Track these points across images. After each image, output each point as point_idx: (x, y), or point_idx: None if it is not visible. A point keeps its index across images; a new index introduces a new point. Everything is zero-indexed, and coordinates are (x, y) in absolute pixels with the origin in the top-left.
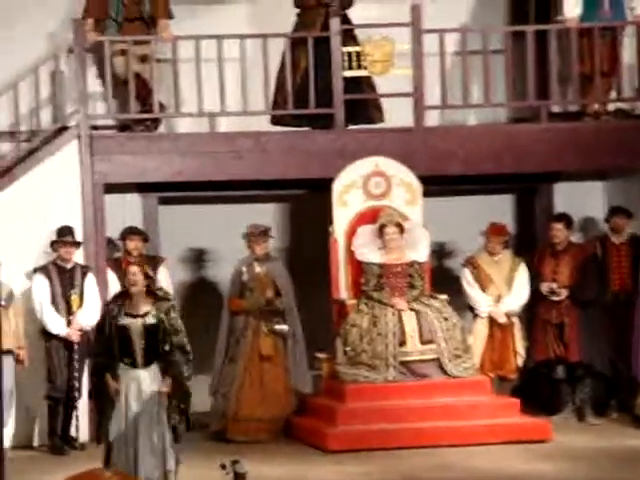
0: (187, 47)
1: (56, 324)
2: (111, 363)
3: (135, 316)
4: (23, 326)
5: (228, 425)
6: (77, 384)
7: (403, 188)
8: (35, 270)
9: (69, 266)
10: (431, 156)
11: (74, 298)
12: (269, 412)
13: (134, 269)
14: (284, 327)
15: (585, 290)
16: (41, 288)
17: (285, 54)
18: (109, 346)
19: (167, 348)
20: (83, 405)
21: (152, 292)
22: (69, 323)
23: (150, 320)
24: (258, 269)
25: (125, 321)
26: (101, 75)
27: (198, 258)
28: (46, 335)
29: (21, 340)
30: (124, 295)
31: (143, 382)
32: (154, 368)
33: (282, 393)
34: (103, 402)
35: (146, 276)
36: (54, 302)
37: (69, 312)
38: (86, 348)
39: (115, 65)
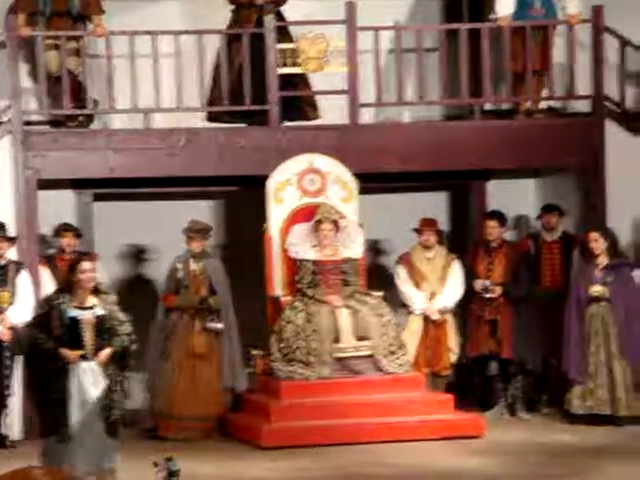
0: (121, 43)
1: None
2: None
3: (83, 308)
4: None
5: (160, 423)
6: (8, 382)
7: (338, 185)
8: None
9: (2, 262)
10: (366, 153)
11: (3, 295)
12: (202, 410)
13: (89, 265)
14: (218, 325)
15: (518, 287)
16: None
17: (220, 51)
18: (60, 340)
19: (115, 338)
20: (15, 403)
21: (96, 285)
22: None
23: (99, 311)
24: (194, 266)
25: (75, 313)
26: (34, 70)
27: (133, 255)
28: None
29: None
30: (66, 290)
31: (97, 373)
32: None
33: (215, 391)
34: (53, 394)
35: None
36: None
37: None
38: (16, 345)
39: (48, 60)
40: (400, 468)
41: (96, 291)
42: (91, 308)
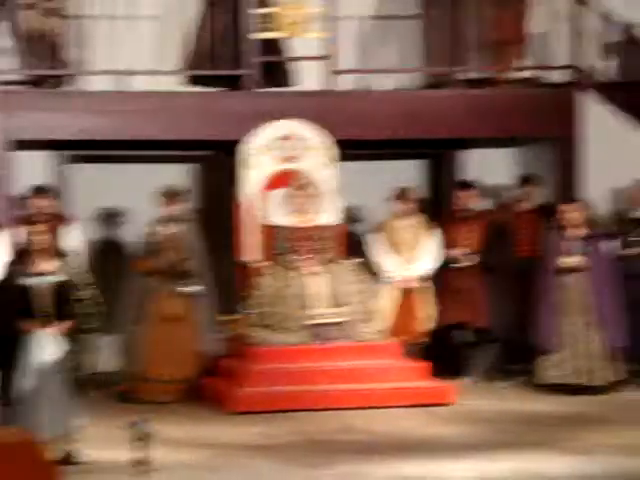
0: (101, 3)
1: None
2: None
3: (40, 275)
4: None
5: (136, 385)
6: None
7: (314, 152)
8: None
9: None
10: (343, 120)
11: None
12: (176, 373)
13: (39, 227)
14: (192, 288)
15: (491, 256)
16: None
17: (200, 14)
18: (15, 306)
19: (68, 301)
20: None
21: (56, 250)
22: None
23: (57, 278)
24: (169, 230)
25: (31, 281)
26: (11, 29)
27: (108, 217)
28: None
29: None
30: (26, 254)
31: (50, 339)
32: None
33: (190, 354)
34: (9, 359)
35: (52, 233)
36: None
37: None
38: None
39: (25, 20)
40: (371, 435)
41: (58, 255)
42: (51, 274)
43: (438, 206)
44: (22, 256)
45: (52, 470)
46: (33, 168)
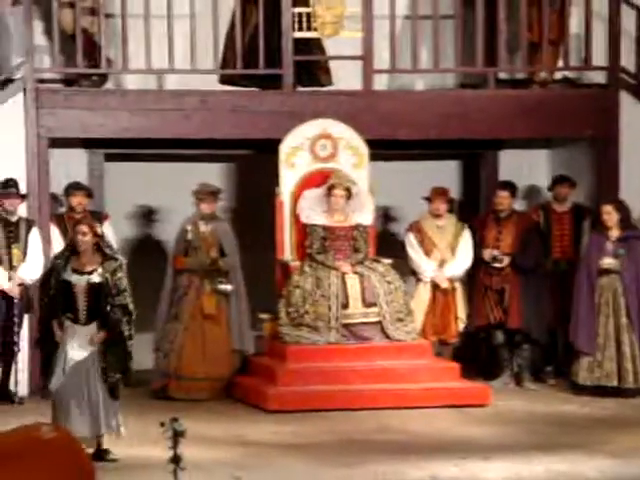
0: (136, 2)
1: None
2: (57, 314)
3: (81, 273)
4: None
5: (170, 383)
6: (16, 339)
7: (350, 151)
8: None
9: (14, 219)
10: (378, 120)
11: (16, 252)
12: (211, 371)
13: (83, 228)
14: (228, 287)
15: (526, 258)
16: None
17: (235, 12)
18: (54, 300)
19: (109, 308)
20: (23, 360)
21: (101, 250)
22: (10, 277)
23: (95, 279)
24: (204, 228)
25: (70, 277)
26: (48, 28)
27: (143, 215)
28: None
29: None
30: (71, 251)
31: (83, 339)
32: (94, 326)
33: (224, 352)
34: (48, 353)
35: (95, 234)
36: None
37: (10, 266)
38: (26, 303)
39: (62, 18)
40: (405, 435)
41: (103, 254)
42: (90, 273)
43: (473, 206)
44: (67, 252)
45: (89, 467)
46: (69, 166)
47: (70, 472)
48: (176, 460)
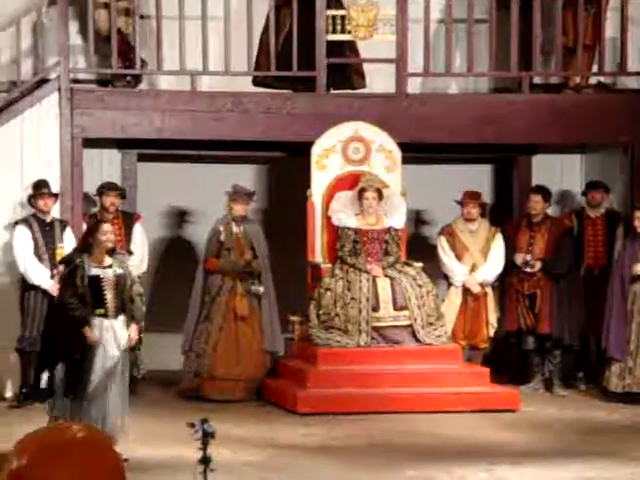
0: (171, 4)
1: (39, 276)
2: (88, 315)
3: (103, 267)
4: None
5: (203, 383)
6: None
7: (382, 154)
8: (16, 222)
9: (48, 219)
10: (411, 123)
11: (60, 251)
12: (244, 372)
13: (109, 227)
14: (260, 288)
15: (559, 263)
16: (23, 239)
17: (269, 15)
18: (82, 298)
19: (131, 297)
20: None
21: (123, 247)
22: (52, 276)
23: (118, 270)
24: (236, 229)
25: (97, 272)
26: (83, 29)
27: (175, 216)
28: (23, 287)
29: None
30: (84, 250)
31: (118, 331)
32: (122, 320)
33: (256, 353)
34: (78, 356)
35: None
36: (36, 254)
37: (53, 265)
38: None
39: (97, 19)
40: (433, 439)
41: (112, 251)
42: (110, 267)
43: (506, 211)
44: (80, 251)
45: (120, 466)
46: (102, 166)
47: (101, 471)
48: (205, 461)
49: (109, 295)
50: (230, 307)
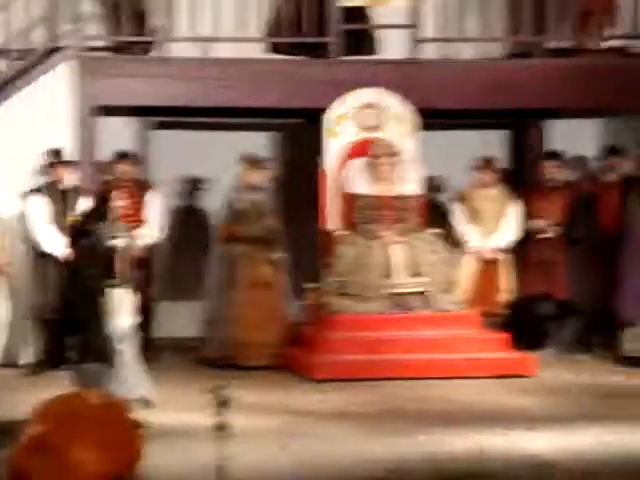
0: None
1: (54, 244)
2: (102, 284)
3: (115, 237)
4: (10, 244)
5: (230, 351)
6: None
7: (396, 121)
8: (31, 191)
9: (63, 188)
10: (425, 89)
11: (75, 220)
12: (271, 337)
13: (119, 196)
14: (279, 254)
15: (575, 228)
16: (38, 208)
17: None
18: (100, 267)
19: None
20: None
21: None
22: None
23: (125, 240)
24: (252, 197)
25: (111, 241)
26: None
27: (188, 184)
28: (38, 255)
29: (7, 257)
30: (100, 219)
31: (122, 303)
32: (128, 289)
33: (280, 319)
34: (93, 323)
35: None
36: (51, 222)
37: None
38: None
39: None
40: (449, 405)
41: (139, 221)
42: (119, 237)
43: (521, 177)
44: (97, 219)
45: (136, 433)
46: (117, 134)
47: (118, 437)
48: (222, 427)
49: (119, 264)
50: (252, 274)
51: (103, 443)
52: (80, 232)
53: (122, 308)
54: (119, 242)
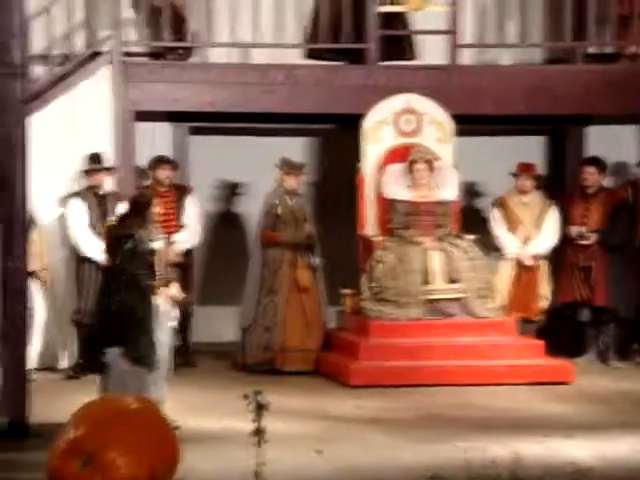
0: None
1: (93, 249)
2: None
3: (153, 241)
4: (47, 249)
5: (275, 356)
6: None
7: (434, 126)
8: (71, 195)
9: (102, 192)
10: (464, 95)
11: (109, 225)
12: (310, 342)
13: (157, 201)
14: (317, 260)
15: (614, 235)
16: (78, 212)
17: None
18: (148, 270)
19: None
20: None
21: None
22: None
23: (163, 244)
24: (290, 202)
25: (153, 245)
26: (135, 1)
27: (226, 189)
28: (78, 260)
29: (44, 262)
30: (141, 224)
31: (165, 304)
32: (164, 292)
33: (318, 324)
34: (146, 325)
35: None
36: (90, 227)
37: None
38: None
39: None
40: (487, 411)
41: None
42: (156, 240)
43: (560, 183)
44: (138, 225)
45: (173, 437)
46: (154, 139)
47: (155, 441)
48: (259, 433)
49: (158, 267)
50: (293, 279)
51: (139, 447)
52: (121, 236)
53: (164, 311)
54: (157, 245)
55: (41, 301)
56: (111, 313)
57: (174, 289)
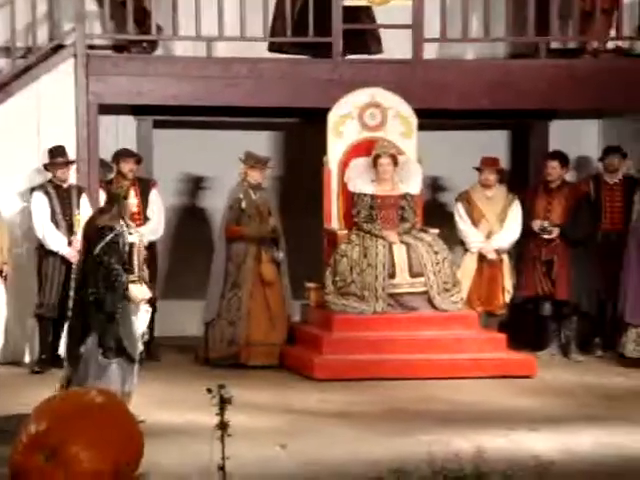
0: None
1: (57, 242)
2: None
3: (130, 234)
4: (7, 243)
5: (240, 350)
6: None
7: (398, 120)
8: (33, 189)
9: (65, 186)
10: (428, 89)
11: (79, 218)
12: (275, 336)
13: (133, 193)
14: (281, 254)
15: (577, 229)
16: (41, 206)
17: None
18: (125, 264)
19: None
20: None
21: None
22: (69, 243)
23: (137, 236)
24: (255, 196)
25: (131, 238)
26: None
27: (190, 183)
28: (41, 253)
29: (5, 256)
30: (117, 216)
31: (146, 295)
32: (142, 284)
33: (283, 318)
34: (123, 319)
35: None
36: (54, 221)
37: (70, 231)
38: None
39: None
40: (450, 405)
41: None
42: (132, 234)
43: (522, 177)
44: (115, 218)
45: (137, 430)
46: (118, 132)
47: (119, 435)
48: (223, 427)
49: (136, 261)
50: (257, 273)
51: (102, 441)
52: (103, 227)
53: (139, 304)
54: (134, 238)
55: (3, 295)
56: (88, 304)
57: (144, 288)
